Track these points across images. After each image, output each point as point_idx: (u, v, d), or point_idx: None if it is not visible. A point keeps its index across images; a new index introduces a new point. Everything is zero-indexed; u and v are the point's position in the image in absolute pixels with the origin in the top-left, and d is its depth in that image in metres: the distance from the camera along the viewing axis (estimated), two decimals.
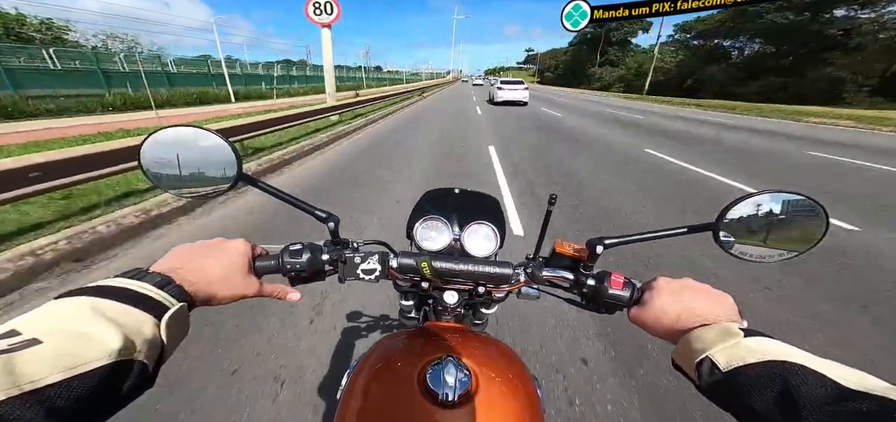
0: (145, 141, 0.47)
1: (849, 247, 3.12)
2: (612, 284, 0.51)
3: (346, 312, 2.05)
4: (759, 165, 6.50)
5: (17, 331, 0.27)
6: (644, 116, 15.55)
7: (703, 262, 2.77)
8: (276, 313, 2.02)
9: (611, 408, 1.54)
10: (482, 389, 0.49)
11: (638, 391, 1.63)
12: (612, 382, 1.67)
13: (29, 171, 2.79)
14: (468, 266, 0.57)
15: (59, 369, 0.25)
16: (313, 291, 2.20)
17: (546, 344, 1.88)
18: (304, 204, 0.55)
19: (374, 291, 2.20)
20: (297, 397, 1.54)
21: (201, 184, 0.50)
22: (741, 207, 0.46)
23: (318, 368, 1.68)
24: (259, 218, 3.45)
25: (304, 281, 0.56)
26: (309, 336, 1.88)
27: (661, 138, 9.27)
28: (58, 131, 8.04)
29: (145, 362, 0.32)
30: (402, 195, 4.21)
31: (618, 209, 4.01)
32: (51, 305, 0.30)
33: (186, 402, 1.50)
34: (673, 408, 1.54)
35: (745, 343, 0.34)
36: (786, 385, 0.30)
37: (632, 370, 1.74)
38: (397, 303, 0.80)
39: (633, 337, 1.91)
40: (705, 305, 0.41)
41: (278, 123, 6.77)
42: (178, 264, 0.41)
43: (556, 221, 3.52)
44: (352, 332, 1.91)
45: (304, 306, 2.10)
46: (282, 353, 1.77)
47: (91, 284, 0.33)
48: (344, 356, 1.77)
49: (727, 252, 0.48)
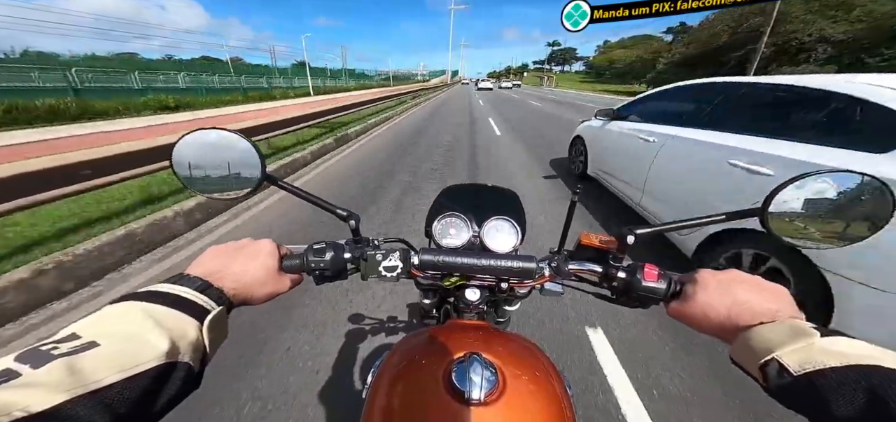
0: (176, 143, 0.48)
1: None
2: (646, 277, 0.49)
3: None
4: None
5: (77, 334, 0.28)
6: None
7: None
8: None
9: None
10: (509, 387, 0.47)
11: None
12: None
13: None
14: (491, 261, 0.56)
15: (115, 369, 0.27)
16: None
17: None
18: (325, 203, 0.55)
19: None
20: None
21: (228, 185, 0.51)
22: (790, 191, 0.42)
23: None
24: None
25: (328, 280, 0.56)
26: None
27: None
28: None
29: (191, 364, 0.33)
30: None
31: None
32: (105, 310, 0.32)
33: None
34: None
35: (820, 344, 0.32)
36: (878, 394, 0.27)
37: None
38: (419, 301, 0.79)
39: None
40: (760, 300, 0.39)
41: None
42: (215, 268, 0.43)
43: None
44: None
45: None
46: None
47: (139, 289, 0.35)
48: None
49: (779, 239, 0.44)
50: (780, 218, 0.44)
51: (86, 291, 2.31)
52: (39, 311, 2.10)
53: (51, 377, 0.24)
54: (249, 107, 12.07)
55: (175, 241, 3.04)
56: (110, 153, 3.11)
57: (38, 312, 2.10)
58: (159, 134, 3.85)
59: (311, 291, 2.20)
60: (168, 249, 2.90)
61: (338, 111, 8.63)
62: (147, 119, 8.30)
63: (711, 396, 1.56)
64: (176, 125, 5.51)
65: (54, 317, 2.06)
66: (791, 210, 0.43)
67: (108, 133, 4.14)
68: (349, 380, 1.62)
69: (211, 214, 3.50)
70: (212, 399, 1.50)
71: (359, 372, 1.66)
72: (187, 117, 7.57)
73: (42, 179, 2.59)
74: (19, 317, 2.04)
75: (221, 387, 1.56)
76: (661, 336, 1.90)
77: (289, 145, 6.10)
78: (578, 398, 1.51)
